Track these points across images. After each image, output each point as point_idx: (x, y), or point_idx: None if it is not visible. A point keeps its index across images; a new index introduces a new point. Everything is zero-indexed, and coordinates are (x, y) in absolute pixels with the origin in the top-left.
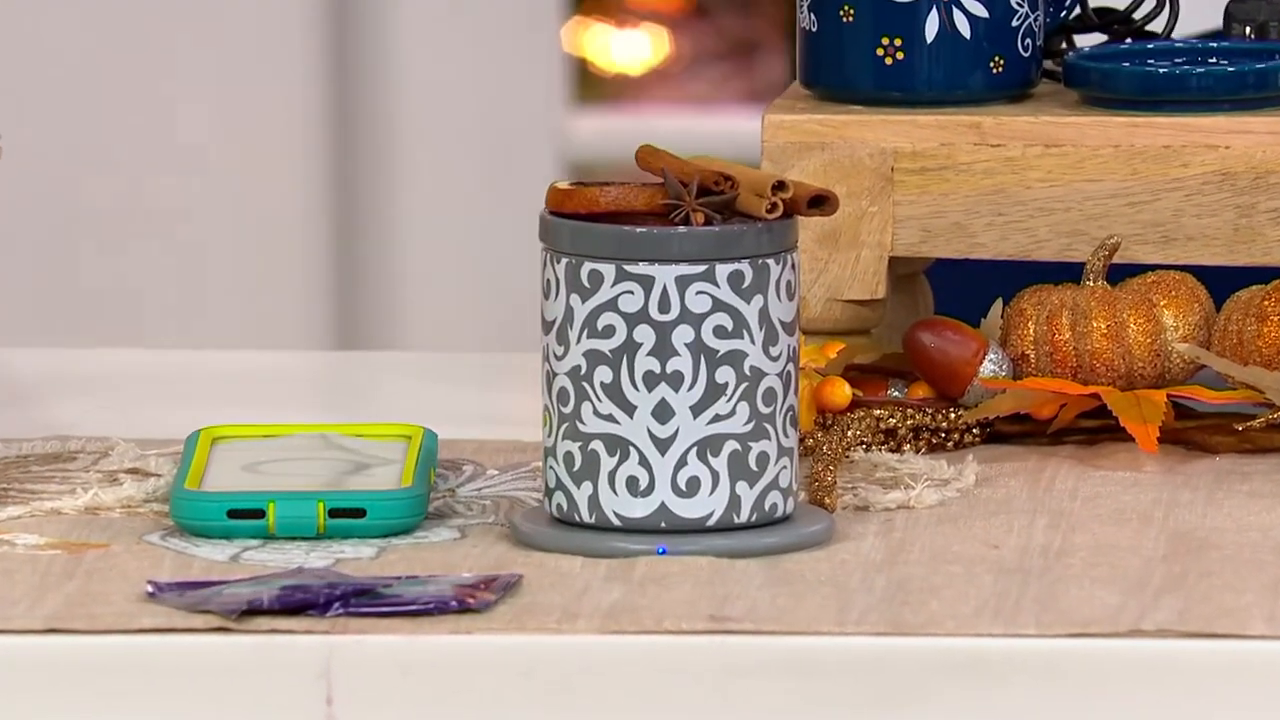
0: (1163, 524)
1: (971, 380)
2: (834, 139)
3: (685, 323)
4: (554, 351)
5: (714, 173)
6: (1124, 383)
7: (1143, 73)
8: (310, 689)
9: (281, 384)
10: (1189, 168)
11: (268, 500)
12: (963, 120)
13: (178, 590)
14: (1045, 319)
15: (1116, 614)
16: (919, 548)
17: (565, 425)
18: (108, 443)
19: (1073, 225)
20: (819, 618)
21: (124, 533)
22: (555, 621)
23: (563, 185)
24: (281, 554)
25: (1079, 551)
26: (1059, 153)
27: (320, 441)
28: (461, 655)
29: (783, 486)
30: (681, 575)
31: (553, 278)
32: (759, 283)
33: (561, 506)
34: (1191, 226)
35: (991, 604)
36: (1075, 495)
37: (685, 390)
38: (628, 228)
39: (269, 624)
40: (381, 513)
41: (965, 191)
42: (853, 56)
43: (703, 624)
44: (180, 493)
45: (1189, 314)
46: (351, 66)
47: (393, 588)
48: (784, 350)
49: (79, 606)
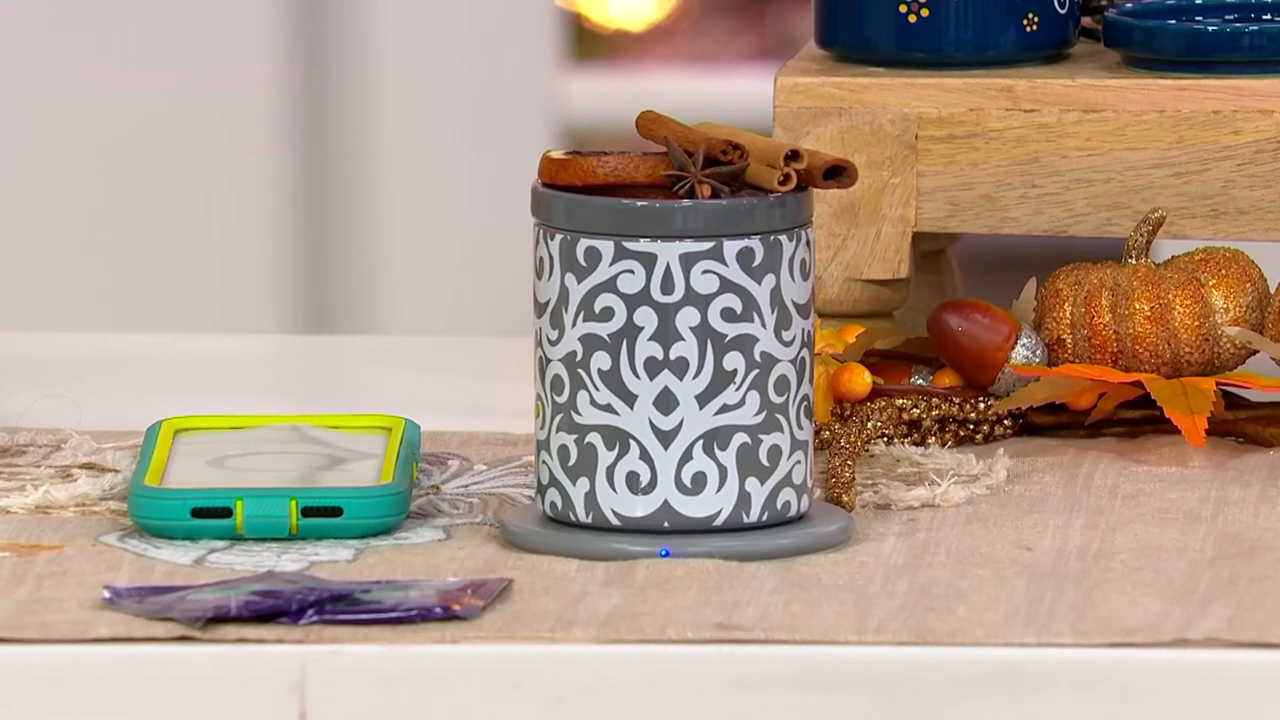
0: (1211, 524)
1: (1002, 367)
2: (853, 104)
3: (690, 304)
4: (547, 336)
5: (722, 141)
6: (1169, 369)
7: (1190, 31)
8: (282, 703)
9: (250, 371)
10: (1240, 135)
11: (235, 498)
12: (993, 83)
13: (137, 596)
14: (1083, 300)
15: (1160, 622)
16: (945, 550)
17: (560, 416)
18: (60, 435)
19: (1113, 198)
20: (836, 626)
21: (79, 533)
22: (548, 630)
23: (557, 154)
24: (251, 556)
25: (1119, 554)
26: (1098, 119)
27: (292, 434)
28: (446, 667)
29: (796, 483)
30: (686, 579)
31: (546, 255)
32: (770, 261)
33: (555, 505)
34: (1243, 199)
35: (1024, 611)
36: (1115, 492)
37: (690, 378)
38: (628, 201)
39: (237, 633)
40: (359, 511)
41: (996, 161)
42: (874, 13)
43: (709, 633)
44: (140, 490)
45: (1240, 295)
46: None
47: (372, 593)
48: (798, 334)
49: (30, 614)
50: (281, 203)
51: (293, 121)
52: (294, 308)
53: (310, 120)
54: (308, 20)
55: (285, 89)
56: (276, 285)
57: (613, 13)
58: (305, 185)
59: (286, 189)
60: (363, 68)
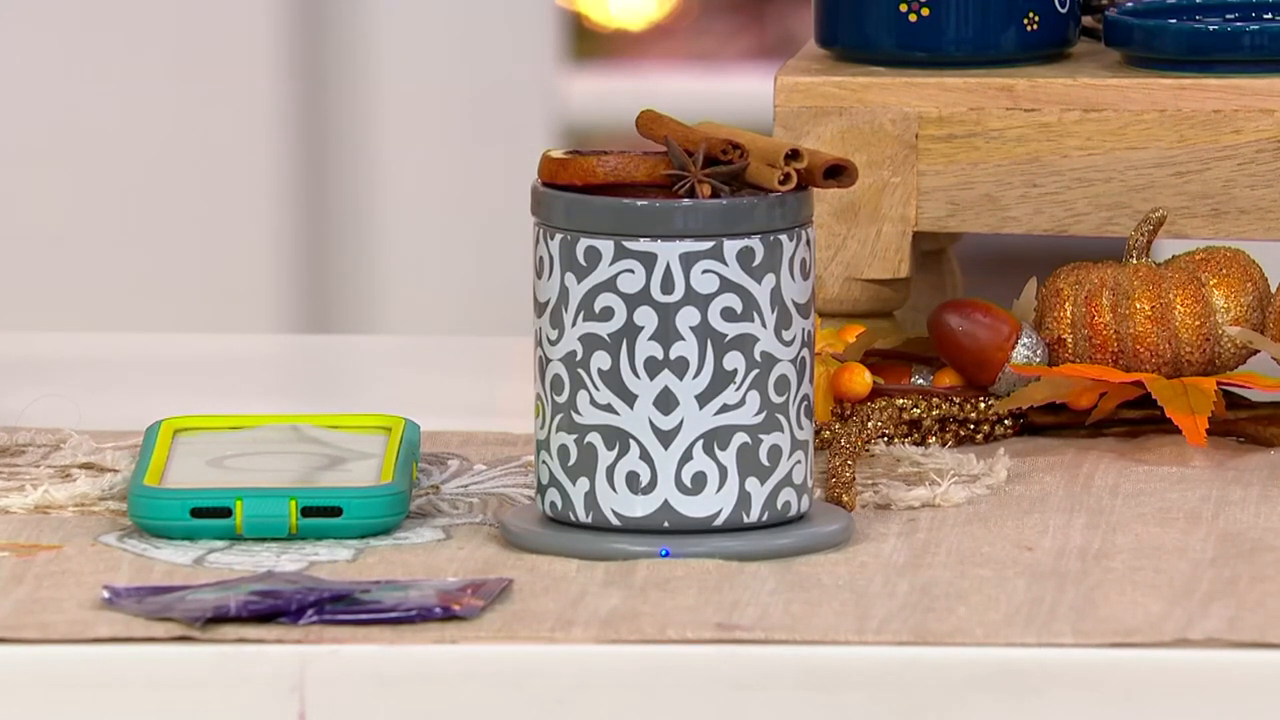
0: (1212, 524)
1: (1003, 367)
2: (853, 103)
3: (690, 304)
4: (547, 335)
5: (722, 140)
6: (1170, 369)
7: (1191, 30)
8: (282, 703)
9: (250, 371)
10: (1241, 134)
11: (235, 498)
12: (994, 82)
13: (136, 596)
14: (1084, 300)
15: (1161, 622)
16: (945, 549)
17: (559, 416)
18: (60, 435)
19: (1114, 197)
20: (836, 626)
21: (78, 533)
22: (548, 630)
23: (557, 154)
24: (250, 556)
25: (1120, 554)
26: (1099, 118)
27: (292, 434)
28: (446, 667)
29: (796, 483)
30: (686, 579)
31: (546, 255)
32: (771, 260)
33: (555, 505)
34: (1244, 198)
35: (1024, 611)
36: (1116, 492)
37: (690, 378)
38: (628, 200)
39: (236, 633)
40: (359, 511)
41: (996, 160)
42: (874, 12)
43: (709, 633)
44: (139, 490)
45: (1241, 294)
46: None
47: (371, 593)
48: (798, 334)
49: (29, 614)
50: (282, 203)
51: (293, 121)
52: (294, 308)
53: (310, 120)
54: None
55: (285, 88)
56: (276, 285)
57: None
58: (305, 185)
59: (287, 189)
60: (363, 67)
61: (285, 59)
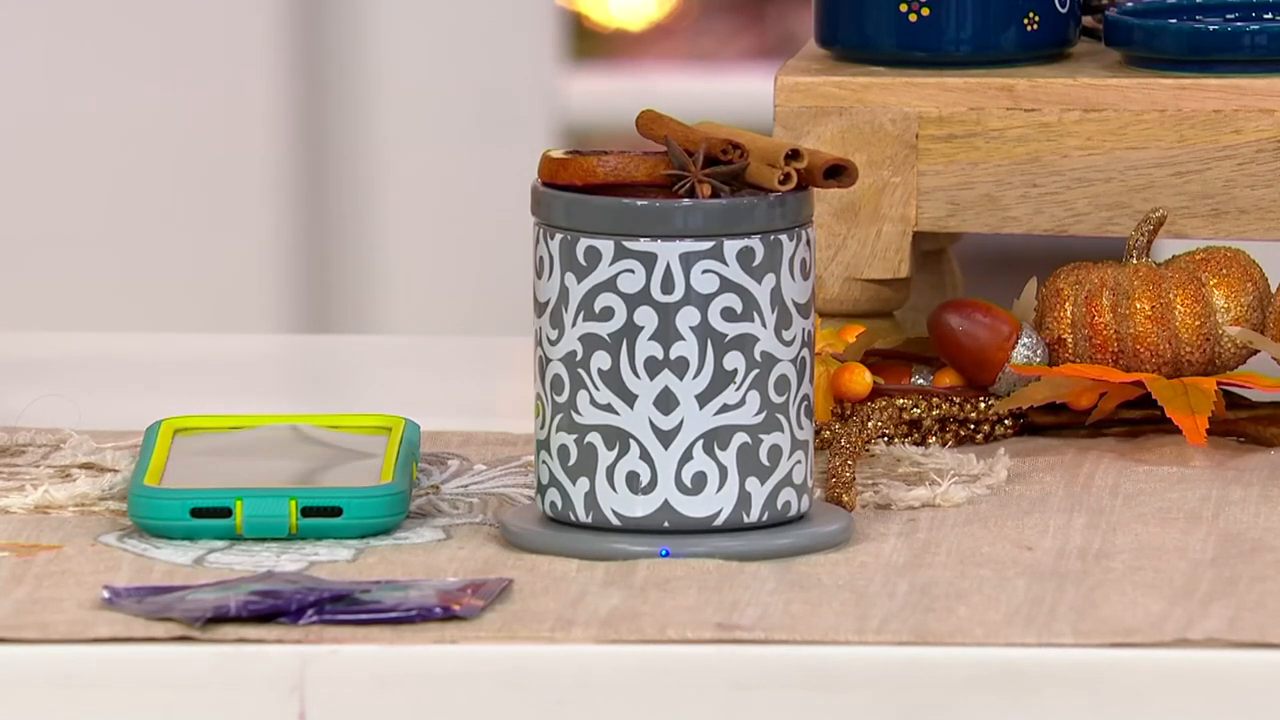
0: (1212, 524)
1: (1003, 367)
2: (853, 103)
3: (690, 304)
4: (547, 335)
5: (722, 140)
6: (1170, 369)
7: (1191, 30)
8: (282, 703)
9: (250, 371)
10: (1242, 134)
11: (235, 498)
12: (994, 82)
13: (136, 596)
14: (1084, 300)
15: (1161, 622)
16: (945, 549)
17: (560, 416)
18: (59, 435)
19: (1114, 197)
20: (836, 626)
21: (78, 533)
22: (548, 630)
23: (556, 153)
24: (250, 556)
25: (1120, 554)
26: (1099, 118)
27: (292, 434)
28: (446, 667)
29: (797, 483)
30: (686, 579)
31: (546, 255)
32: (771, 260)
33: (555, 505)
34: (1244, 198)
35: (1024, 611)
36: (1116, 492)
37: (690, 378)
38: (628, 200)
39: (236, 633)
40: (359, 511)
41: (996, 160)
42: (874, 12)
43: (709, 633)
44: (139, 490)
45: (1241, 294)
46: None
47: (371, 593)
48: (798, 334)
49: (29, 614)
50: (282, 203)
51: (293, 121)
52: (294, 308)
53: (310, 120)
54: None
55: (285, 89)
56: (277, 285)
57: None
58: (305, 185)
59: (287, 189)
60: (363, 68)
61: (285, 59)
